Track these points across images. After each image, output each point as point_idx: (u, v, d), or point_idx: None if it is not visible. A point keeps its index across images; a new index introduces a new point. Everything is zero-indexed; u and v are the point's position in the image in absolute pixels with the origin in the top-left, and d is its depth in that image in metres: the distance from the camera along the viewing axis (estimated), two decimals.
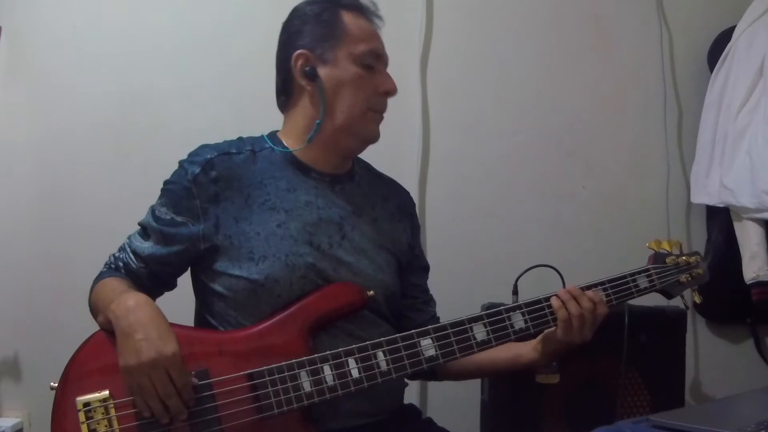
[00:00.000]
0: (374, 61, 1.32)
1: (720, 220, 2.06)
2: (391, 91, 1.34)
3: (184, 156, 1.32)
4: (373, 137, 1.36)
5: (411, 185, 1.54)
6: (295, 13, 1.36)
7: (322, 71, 1.30)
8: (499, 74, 2.12)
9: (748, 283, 1.95)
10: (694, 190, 2.09)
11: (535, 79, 2.13)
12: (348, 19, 1.32)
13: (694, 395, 2.13)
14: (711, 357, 2.16)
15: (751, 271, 1.94)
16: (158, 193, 1.32)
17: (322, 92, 1.29)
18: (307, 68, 1.30)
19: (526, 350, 1.36)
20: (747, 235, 1.95)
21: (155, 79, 2.03)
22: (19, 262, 2.03)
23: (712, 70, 2.08)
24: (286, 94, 1.37)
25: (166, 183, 1.31)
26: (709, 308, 2.10)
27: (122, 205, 1.97)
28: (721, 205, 1.99)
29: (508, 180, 2.12)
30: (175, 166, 1.32)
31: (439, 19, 2.10)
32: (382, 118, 1.36)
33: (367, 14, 1.36)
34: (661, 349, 1.79)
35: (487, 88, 2.12)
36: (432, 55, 2.10)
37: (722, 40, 2.08)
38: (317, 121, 1.30)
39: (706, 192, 2.03)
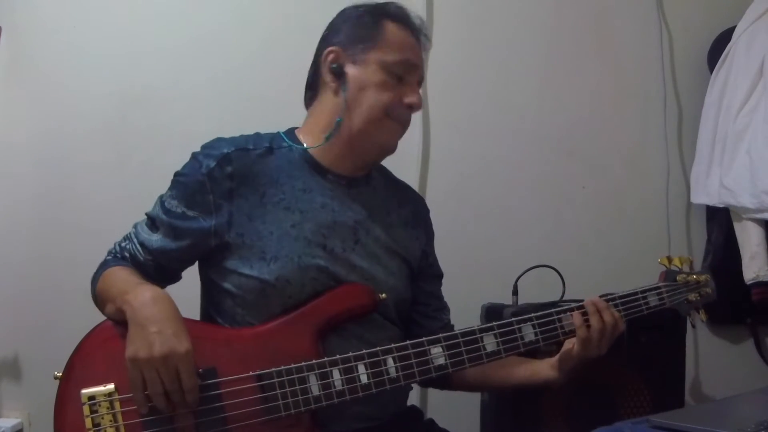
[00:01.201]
0: (405, 72, 1.30)
1: (720, 220, 2.07)
2: (415, 106, 1.31)
3: (185, 155, 1.30)
4: (390, 147, 1.34)
5: (411, 185, 1.53)
6: (341, 14, 1.36)
7: (350, 70, 1.29)
8: (499, 74, 2.12)
9: (748, 283, 1.95)
10: (694, 190, 2.09)
11: (535, 78, 2.13)
12: (389, 27, 1.31)
13: (694, 395, 2.13)
14: (711, 357, 2.16)
15: (751, 271, 1.94)
16: (158, 194, 1.31)
17: (345, 90, 1.28)
18: (335, 65, 1.29)
19: (543, 368, 1.35)
20: (747, 235, 1.95)
21: (155, 80, 2.03)
22: (19, 263, 2.03)
23: (712, 70, 2.08)
24: (313, 89, 1.36)
25: (177, 175, 1.29)
26: (709, 308, 2.09)
27: (122, 205, 1.96)
28: (721, 205, 1.99)
29: (508, 180, 2.12)
30: (175, 166, 1.30)
31: (439, 19, 2.10)
32: (402, 130, 1.34)
33: (413, 29, 1.34)
34: (661, 350, 1.79)
35: (487, 88, 2.12)
36: (432, 55, 2.10)
37: (722, 40, 2.08)
38: (338, 119, 1.29)
39: (706, 192, 2.03)
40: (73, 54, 2.03)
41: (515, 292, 1.87)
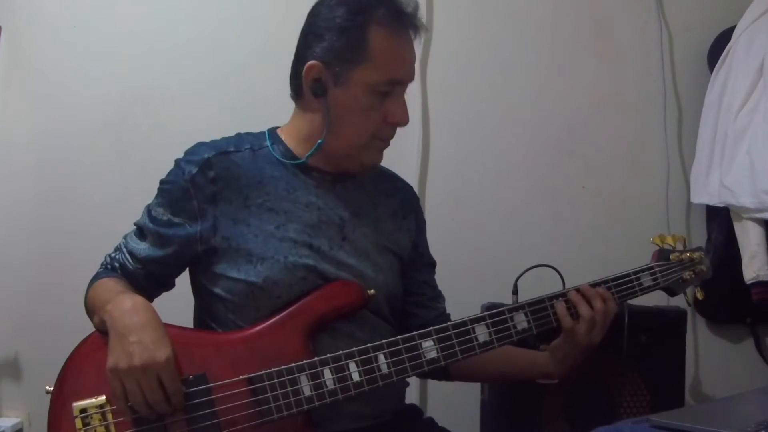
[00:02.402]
0: (391, 87, 1.23)
1: (720, 220, 2.06)
2: (401, 123, 1.26)
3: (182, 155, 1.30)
4: (374, 165, 1.32)
5: (411, 186, 1.53)
6: (322, 9, 1.25)
7: (333, 91, 1.22)
8: (499, 74, 2.12)
9: (748, 283, 1.95)
10: (694, 190, 2.09)
11: (534, 78, 2.13)
12: (375, 38, 1.20)
13: (694, 395, 2.13)
14: (711, 357, 2.16)
15: (751, 271, 1.93)
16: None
17: (328, 114, 1.23)
18: (317, 85, 1.23)
19: (540, 359, 1.34)
20: (747, 235, 1.95)
21: (155, 79, 2.04)
22: (19, 262, 2.03)
23: (712, 70, 2.08)
24: (295, 91, 1.30)
25: (162, 182, 1.29)
26: (709, 308, 2.10)
27: (121, 205, 1.96)
28: (721, 205, 1.99)
29: (508, 180, 2.12)
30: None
31: (439, 19, 2.10)
32: (387, 145, 1.30)
33: (403, 27, 1.22)
34: (661, 349, 1.79)
35: (487, 88, 2.11)
36: (432, 55, 2.10)
37: (722, 40, 2.08)
38: (319, 141, 1.26)
39: (706, 192, 2.03)
40: (73, 54, 2.03)
41: (515, 292, 1.86)
